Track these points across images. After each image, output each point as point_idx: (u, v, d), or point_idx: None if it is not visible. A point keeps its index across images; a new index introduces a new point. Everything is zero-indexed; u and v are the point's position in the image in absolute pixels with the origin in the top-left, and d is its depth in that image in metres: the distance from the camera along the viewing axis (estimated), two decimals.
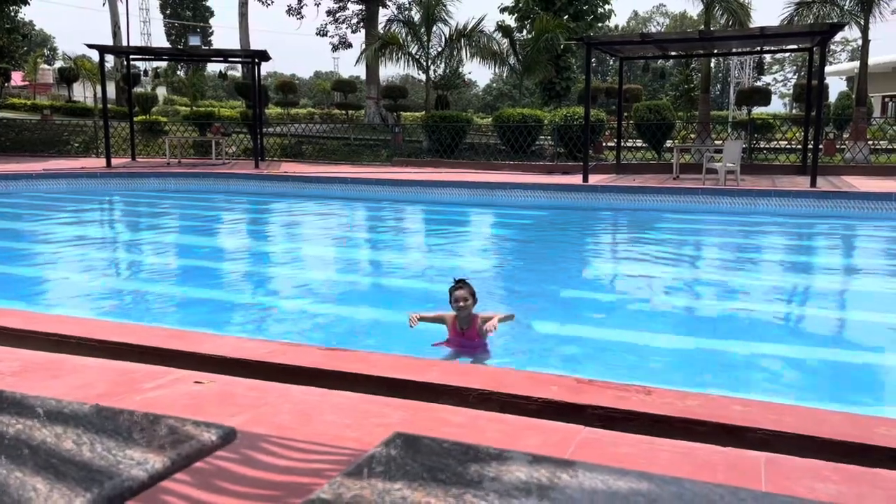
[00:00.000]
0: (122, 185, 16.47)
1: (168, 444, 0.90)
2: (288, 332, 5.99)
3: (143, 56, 26.39)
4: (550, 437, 2.78)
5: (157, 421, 0.96)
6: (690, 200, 13.19)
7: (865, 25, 18.97)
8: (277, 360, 3.56)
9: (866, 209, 12.15)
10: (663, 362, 5.37)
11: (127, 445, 0.91)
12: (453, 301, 4.68)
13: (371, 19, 30.23)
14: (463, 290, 4.67)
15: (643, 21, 75.95)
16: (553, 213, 13.48)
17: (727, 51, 21.99)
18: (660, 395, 3.09)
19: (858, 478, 2.43)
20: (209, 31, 55.66)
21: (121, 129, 22.36)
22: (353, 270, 9.28)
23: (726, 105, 46.86)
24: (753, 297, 7.60)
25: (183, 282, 8.28)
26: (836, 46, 58.13)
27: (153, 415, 0.97)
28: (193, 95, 32.28)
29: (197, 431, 0.91)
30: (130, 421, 0.97)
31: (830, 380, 5.16)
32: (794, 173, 16.37)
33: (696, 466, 2.52)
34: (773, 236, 11.72)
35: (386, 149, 22.17)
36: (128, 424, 0.96)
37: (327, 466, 2.62)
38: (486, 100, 68.29)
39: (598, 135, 20.52)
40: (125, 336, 3.97)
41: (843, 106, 28.66)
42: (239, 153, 22.47)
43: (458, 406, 3.12)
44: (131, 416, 0.98)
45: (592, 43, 16.08)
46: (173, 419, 0.96)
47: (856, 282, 8.71)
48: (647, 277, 8.32)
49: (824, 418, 2.88)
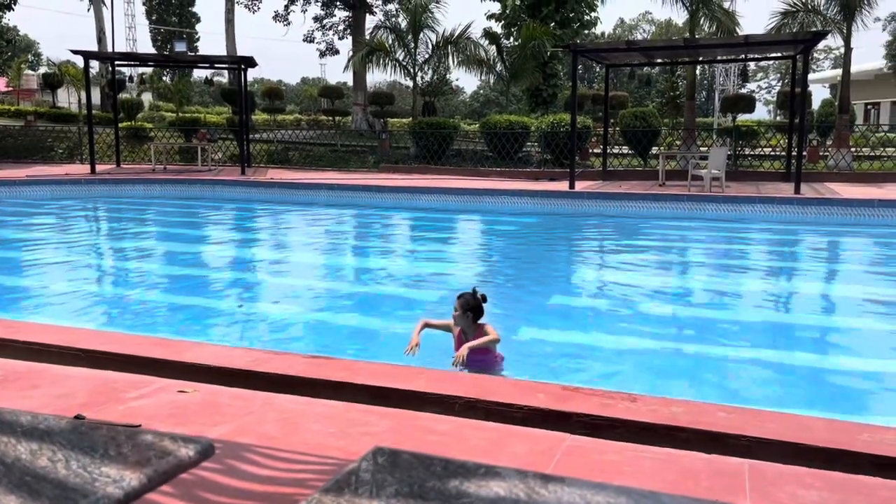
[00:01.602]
0: (106, 192, 16.34)
1: (145, 461, 0.89)
2: (273, 341, 5.96)
3: (129, 62, 26.23)
4: (536, 446, 2.78)
5: (133, 436, 0.94)
6: (676, 207, 13.26)
7: (848, 34, 19.19)
8: (262, 369, 3.54)
9: (849, 216, 12.26)
10: (648, 369, 5.39)
11: (103, 462, 0.89)
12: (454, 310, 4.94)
13: (358, 26, 30.25)
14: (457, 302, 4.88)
15: (629, 28, 76.45)
16: (540, 220, 13.51)
17: (712, 58, 22.15)
18: (645, 402, 3.10)
19: (841, 484, 2.44)
20: (195, 36, 55.47)
21: (105, 136, 22.20)
22: (339, 278, 9.25)
23: (711, 112, 47.24)
24: (738, 303, 7.65)
25: (167, 290, 8.22)
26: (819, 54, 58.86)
27: (130, 430, 0.95)
28: (179, 101, 32.11)
29: (174, 447, 0.89)
30: (107, 437, 0.96)
31: (814, 386, 5.19)
32: (779, 180, 16.51)
33: (680, 474, 2.52)
34: (757, 243, 11.80)
35: (373, 155, 22.15)
36: (104, 440, 0.95)
37: (312, 477, 2.60)
38: (473, 106, 68.45)
39: (584, 141, 20.59)
40: (107, 345, 3.93)
41: (826, 113, 28.94)
42: (225, 159, 22.37)
43: (444, 414, 3.12)
44: (108, 432, 0.96)
45: (579, 50, 16.16)
46: (150, 434, 0.94)
47: (838, 288, 8.79)
48: (633, 284, 8.35)
49: (808, 425, 2.90)
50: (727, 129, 22.26)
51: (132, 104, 30.22)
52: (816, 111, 29.74)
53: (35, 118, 26.75)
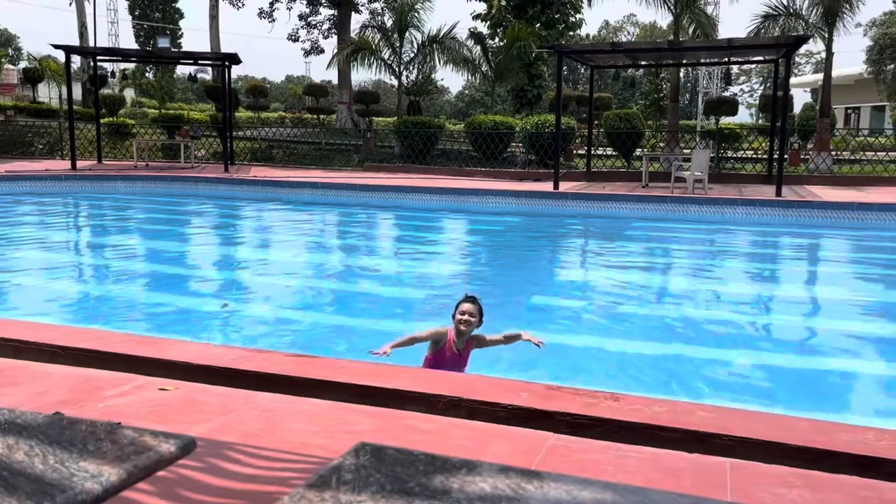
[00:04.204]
0: (87, 188, 16.16)
1: (125, 456, 0.87)
2: (255, 338, 5.92)
3: (111, 57, 25.95)
4: (519, 444, 2.78)
5: (113, 431, 0.92)
6: (659, 208, 13.34)
7: (829, 39, 19.40)
8: (244, 367, 3.52)
9: (829, 218, 12.39)
10: (631, 368, 5.41)
11: (81, 457, 0.87)
12: (458, 314, 4.22)
13: (343, 24, 30.13)
14: (473, 307, 4.22)
15: (614, 31, 76.76)
16: (524, 220, 13.53)
17: (696, 61, 22.33)
18: (628, 401, 3.11)
19: (822, 484, 2.46)
20: (179, 33, 54.98)
21: (87, 131, 21.97)
22: (322, 276, 9.21)
23: (695, 114, 47.55)
24: (720, 304, 7.70)
25: (148, 287, 8.15)
26: (800, 59, 59.41)
27: (110, 425, 0.94)
28: (162, 98, 31.84)
29: (155, 442, 0.88)
30: (86, 432, 0.94)
31: (794, 386, 5.23)
32: (761, 182, 16.65)
33: (662, 473, 2.53)
34: (739, 245, 11.90)
35: (358, 154, 22.09)
36: (83, 435, 0.93)
37: (293, 475, 2.58)
38: (458, 106, 68.45)
39: (568, 142, 20.66)
40: (87, 342, 3.88)
41: (807, 117, 29.19)
42: (208, 157, 22.21)
43: (428, 413, 3.11)
44: (87, 427, 0.94)
45: (564, 51, 16.21)
46: (131, 430, 0.93)
47: (818, 290, 8.88)
48: (616, 285, 8.39)
49: (789, 425, 2.92)
50: (710, 132, 22.43)
51: (114, 100, 29.92)
52: (798, 115, 30.00)
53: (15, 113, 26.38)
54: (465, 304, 4.23)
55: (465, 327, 4.19)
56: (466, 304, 4.22)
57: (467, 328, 4.20)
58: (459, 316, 4.20)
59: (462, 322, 4.19)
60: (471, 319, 4.18)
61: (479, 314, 4.23)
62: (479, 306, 4.26)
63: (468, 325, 4.19)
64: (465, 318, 4.17)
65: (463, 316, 4.18)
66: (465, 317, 4.18)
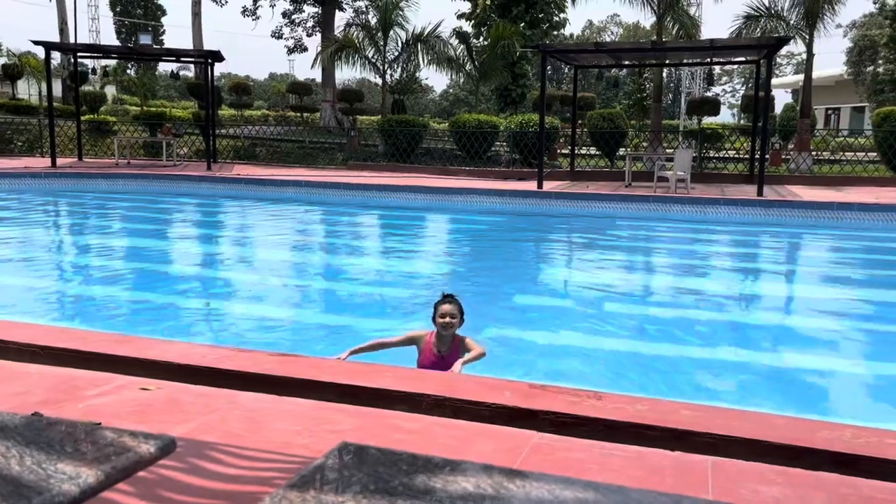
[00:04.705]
0: (67, 186, 15.99)
1: (103, 457, 0.86)
2: (238, 337, 5.88)
3: (92, 54, 25.69)
4: (503, 443, 2.78)
5: (92, 432, 0.91)
6: (642, 208, 13.41)
7: (810, 40, 19.59)
8: (227, 367, 3.49)
9: (809, 218, 12.52)
10: (615, 367, 5.43)
11: (59, 459, 0.86)
12: (438, 317, 4.09)
13: (327, 22, 30.02)
14: (450, 306, 4.10)
15: (598, 30, 77.08)
16: (508, 219, 13.55)
17: (679, 61, 22.48)
18: (611, 400, 3.12)
19: (801, 481, 2.48)
20: (161, 29, 54.54)
21: (67, 129, 21.72)
22: (306, 275, 9.17)
23: (678, 114, 47.86)
24: (702, 303, 7.76)
25: (130, 286, 8.07)
26: (782, 60, 59.98)
27: (88, 426, 0.92)
28: (144, 95, 31.58)
29: (134, 443, 0.87)
30: (64, 433, 0.93)
31: (775, 384, 5.28)
32: (742, 182, 16.79)
33: (645, 471, 2.54)
34: (721, 244, 11.99)
35: (342, 152, 22.02)
36: (61, 436, 0.91)
37: (275, 475, 2.57)
38: (442, 105, 68.45)
39: (552, 142, 20.71)
40: (68, 341, 3.84)
41: (788, 118, 29.50)
42: (191, 155, 22.04)
43: (412, 412, 3.11)
44: (65, 428, 0.93)
45: (548, 51, 16.25)
46: (109, 430, 0.92)
47: (798, 289, 8.97)
48: (599, 284, 8.42)
49: (770, 422, 2.94)
50: (693, 132, 22.58)
51: (95, 97, 29.63)
52: (779, 115, 30.30)
53: None
54: (443, 305, 4.11)
55: (447, 330, 4.09)
56: (445, 306, 4.10)
57: (449, 330, 4.09)
58: (440, 319, 4.09)
59: (443, 325, 4.08)
60: (451, 321, 4.07)
61: (459, 313, 4.13)
62: (459, 304, 4.15)
63: (450, 327, 4.09)
64: (447, 320, 4.07)
65: (444, 319, 4.07)
66: (447, 319, 4.07)
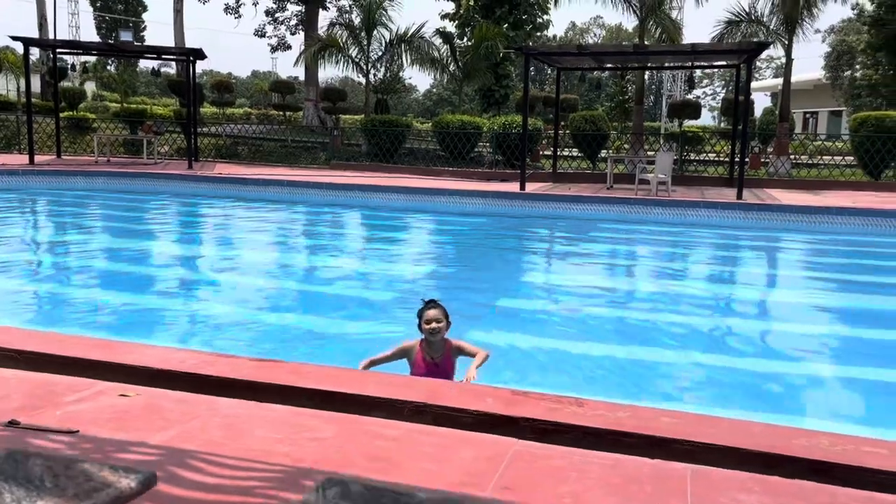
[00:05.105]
0: (45, 184, 15.80)
1: (83, 493, 0.85)
2: (218, 341, 5.84)
3: (72, 50, 25.37)
4: (484, 451, 2.78)
5: (70, 467, 0.90)
6: (623, 210, 13.49)
7: (789, 45, 19.83)
8: (207, 372, 3.47)
9: (787, 221, 12.66)
10: (596, 372, 5.46)
11: (39, 495, 0.85)
12: (424, 323, 4.10)
13: (311, 21, 29.89)
14: (436, 311, 4.10)
15: (581, 32, 77.40)
16: (490, 220, 13.58)
17: (660, 65, 22.63)
18: (591, 407, 3.13)
19: (780, 489, 2.51)
20: (142, 26, 54.04)
21: (46, 125, 21.45)
22: (287, 277, 9.13)
23: (659, 116, 48.19)
24: (682, 307, 7.81)
25: (109, 288, 7.99)
26: (762, 63, 60.61)
27: (67, 460, 0.91)
28: (124, 92, 31.26)
29: (114, 478, 0.86)
30: (43, 467, 0.91)
31: (756, 389, 5.33)
32: (722, 185, 16.94)
33: (624, 479, 2.56)
34: (701, 247, 12.09)
35: (324, 152, 21.94)
36: (40, 471, 0.90)
37: (257, 484, 2.55)
38: (426, 104, 68.41)
39: (535, 143, 20.78)
40: (45, 346, 3.79)
41: (767, 121, 29.82)
42: (172, 153, 21.86)
43: (393, 419, 3.10)
44: (44, 462, 0.92)
45: (531, 53, 16.29)
46: (88, 464, 0.91)
47: (775, 292, 9.07)
48: (581, 286, 8.46)
49: (747, 430, 2.97)
50: (674, 135, 22.76)
51: (74, 93, 29.28)
52: (759, 119, 30.61)
53: None
54: (428, 311, 4.11)
55: (434, 335, 4.09)
56: (430, 311, 4.10)
57: (437, 336, 4.10)
58: (426, 325, 4.09)
59: (431, 331, 4.08)
60: (438, 326, 4.07)
61: (445, 317, 4.13)
62: (443, 308, 4.16)
63: (438, 333, 4.08)
64: (432, 326, 4.07)
65: (429, 325, 4.07)
66: (432, 325, 4.07)
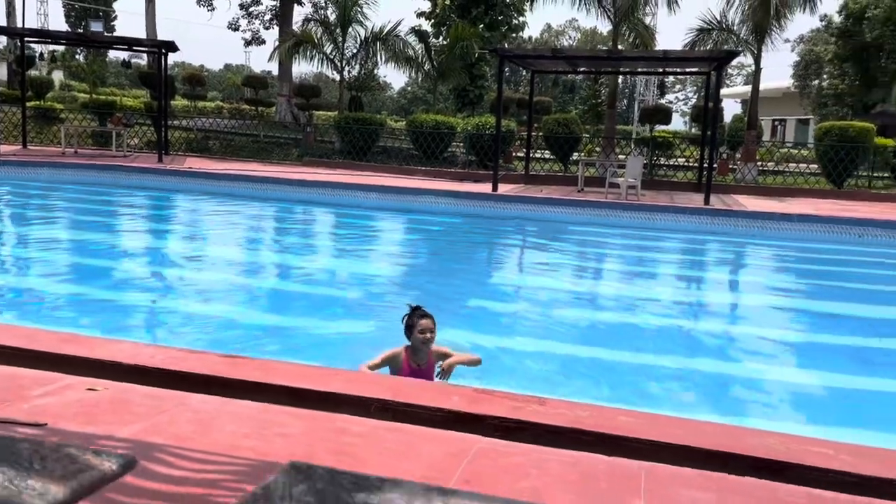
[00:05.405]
0: (10, 175, 15.53)
1: (69, 474, 0.91)
2: (187, 338, 5.85)
3: (40, 39, 24.94)
4: (448, 448, 2.87)
5: (58, 450, 0.96)
6: (593, 213, 13.67)
7: (758, 53, 20.20)
8: (176, 367, 3.50)
9: (752, 227, 12.94)
10: (558, 372, 5.57)
11: (28, 475, 0.91)
12: (418, 332, 4.15)
13: (285, 16, 29.72)
14: (429, 320, 4.17)
15: (556, 34, 77.92)
16: (463, 221, 13.67)
17: (633, 70, 22.94)
18: (553, 405, 3.23)
19: (728, 486, 2.63)
20: (112, 15, 53.21)
21: (11, 115, 21.07)
22: (257, 274, 9.12)
23: (632, 120, 48.71)
24: (646, 309, 7.98)
25: (76, 282, 7.92)
26: (732, 70, 61.39)
27: (54, 444, 0.97)
28: (93, 82, 30.75)
29: (97, 461, 0.92)
30: (31, 450, 0.97)
31: (713, 391, 5.49)
32: (691, 190, 17.23)
33: (581, 475, 2.66)
34: (668, 251, 12.31)
35: (297, 148, 21.86)
36: (28, 454, 0.96)
37: (223, 477, 2.61)
38: (400, 102, 68.31)
39: (508, 145, 20.92)
40: (11, 340, 3.79)
41: (736, 128, 30.28)
42: (141, 146, 21.61)
43: (360, 416, 3.16)
44: (32, 446, 0.98)
45: (505, 55, 16.40)
46: (74, 447, 0.97)
47: (739, 296, 9.29)
48: (548, 288, 8.59)
49: (701, 429, 3.09)
50: (644, 139, 23.06)
51: (42, 83, 28.72)
52: (728, 125, 31.10)
53: None
54: (423, 320, 4.18)
55: (426, 345, 4.18)
56: (425, 321, 4.18)
57: (430, 344, 4.19)
58: (420, 334, 4.16)
59: (424, 340, 4.16)
60: (432, 336, 4.17)
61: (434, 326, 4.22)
62: (433, 317, 4.24)
63: (431, 342, 4.18)
64: (427, 335, 4.15)
65: (424, 334, 4.16)
66: (427, 334, 4.15)
